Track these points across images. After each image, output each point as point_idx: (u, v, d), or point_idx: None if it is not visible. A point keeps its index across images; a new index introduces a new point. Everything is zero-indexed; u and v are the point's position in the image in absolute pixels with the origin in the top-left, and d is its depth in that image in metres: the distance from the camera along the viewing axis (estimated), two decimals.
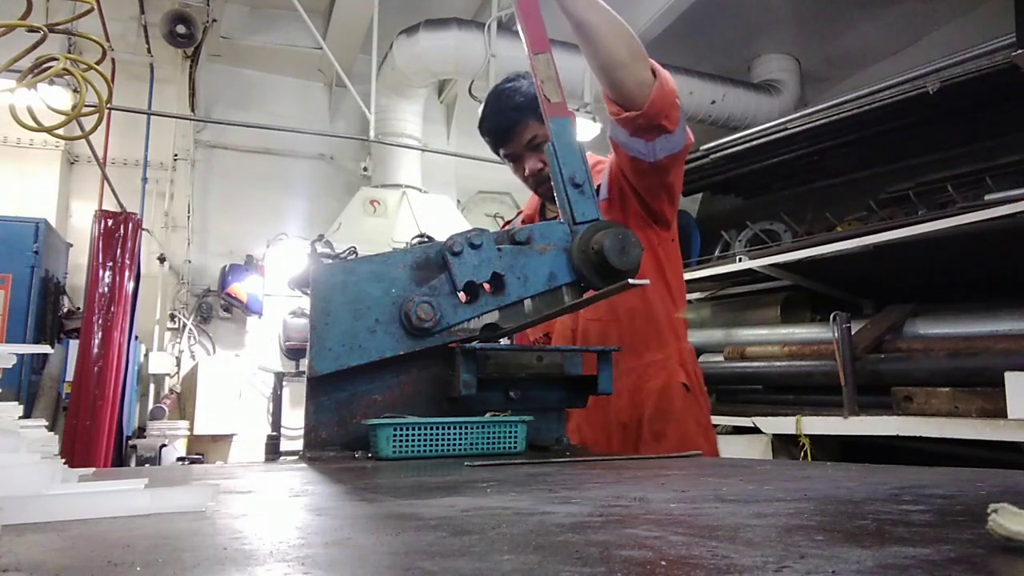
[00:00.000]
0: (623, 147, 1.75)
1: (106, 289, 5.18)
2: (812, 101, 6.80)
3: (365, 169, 7.71)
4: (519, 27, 1.69)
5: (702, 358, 5.23)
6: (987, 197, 3.37)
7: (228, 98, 7.55)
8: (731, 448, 4.52)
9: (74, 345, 5.38)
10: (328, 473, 1.29)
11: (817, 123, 4.80)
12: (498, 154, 1.96)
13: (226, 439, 6.80)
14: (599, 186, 1.89)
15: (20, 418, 0.99)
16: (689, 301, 5.69)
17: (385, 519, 0.74)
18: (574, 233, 1.66)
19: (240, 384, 6.85)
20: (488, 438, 1.60)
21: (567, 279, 1.69)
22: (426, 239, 1.87)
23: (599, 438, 1.82)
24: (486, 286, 1.67)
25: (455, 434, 1.58)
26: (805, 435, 3.52)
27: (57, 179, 6.53)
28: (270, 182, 7.55)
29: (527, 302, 1.69)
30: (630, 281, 1.46)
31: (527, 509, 0.78)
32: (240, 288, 6.86)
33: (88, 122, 1.94)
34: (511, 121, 1.86)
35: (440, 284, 1.63)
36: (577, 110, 6.11)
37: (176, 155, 7.27)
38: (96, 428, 4.92)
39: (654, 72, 1.66)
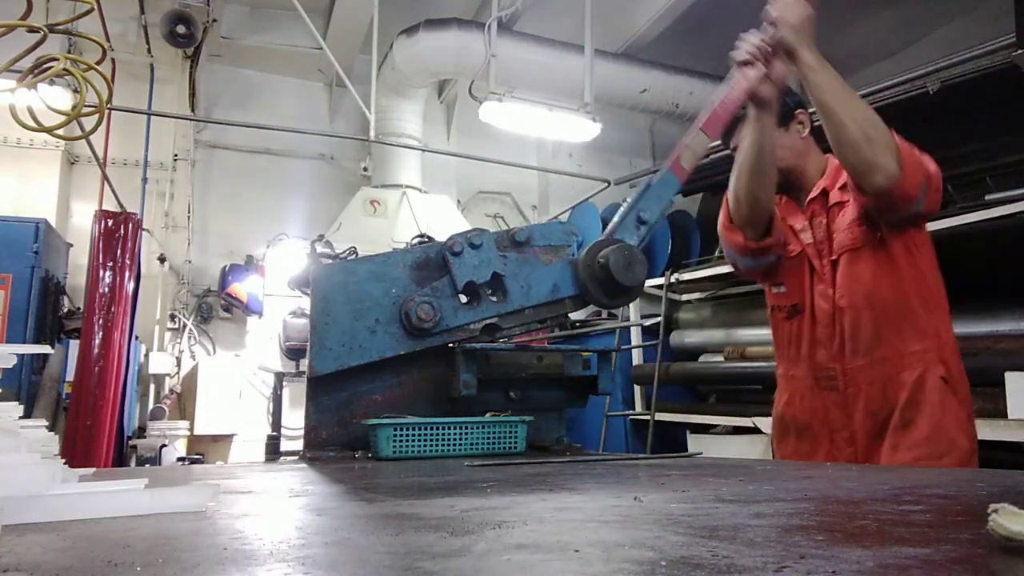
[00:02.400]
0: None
1: (106, 289, 5.18)
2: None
3: (365, 169, 7.71)
4: (712, 105, 1.81)
5: (702, 358, 5.24)
6: (987, 197, 3.37)
7: (228, 98, 7.54)
8: (731, 448, 4.53)
9: (74, 345, 5.37)
10: (328, 473, 1.29)
11: (817, 123, 4.79)
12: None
13: (226, 439, 6.80)
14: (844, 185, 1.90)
15: (20, 418, 0.99)
16: (688, 301, 5.71)
17: (385, 519, 0.74)
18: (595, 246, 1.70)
19: (240, 384, 6.85)
20: (488, 438, 1.60)
21: (570, 292, 1.70)
22: (426, 239, 1.87)
23: (845, 423, 1.83)
24: (489, 291, 1.67)
25: (455, 434, 1.58)
26: None
27: (57, 179, 6.53)
28: (270, 182, 7.55)
29: (528, 310, 1.69)
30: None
31: (527, 509, 0.78)
32: (240, 288, 6.85)
33: (88, 122, 1.94)
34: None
35: (442, 286, 1.64)
36: (577, 110, 6.11)
37: (176, 155, 7.26)
38: (96, 428, 4.92)
39: (901, 161, 1.71)
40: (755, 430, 4.22)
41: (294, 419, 5.78)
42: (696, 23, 6.70)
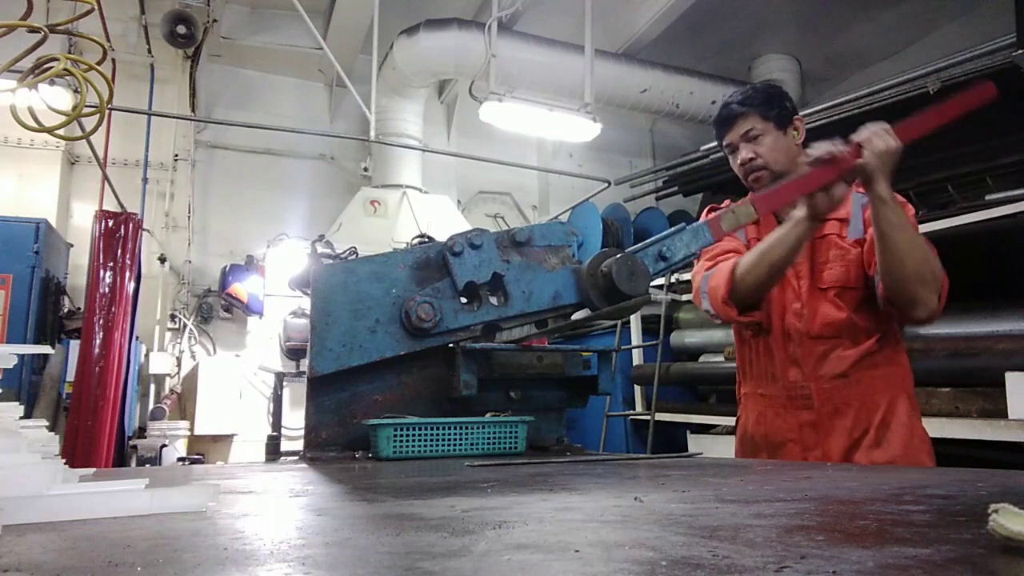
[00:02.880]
0: None
1: (107, 289, 5.18)
2: (812, 101, 6.80)
3: (365, 169, 7.71)
4: (774, 185, 1.83)
5: (702, 358, 5.23)
6: (987, 197, 3.37)
7: (228, 98, 7.55)
8: (731, 448, 4.52)
9: (75, 345, 5.38)
10: (328, 473, 1.29)
11: (817, 123, 4.80)
12: (721, 146, 2.05)
13: (226, 439, 6.80)
14: (850, 219, 1.90)
15: (21, 418, 0.99)
16: (688, 301, 5.71)
17: (385, 519, 0.74)
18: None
19: (240, 384, 6.85)
20: (489, 438, 1.60)
21: (572, 300, 1.69)
22: (426, 239, 1.87)
23: (819, 441, 1.84)
24: (489, 292, 1.67)
25: (456, 434, 1.58)
26: None
27: (58, 179, 6.53)
28: (270, 182, 7.55)
29: (529, 315, 1.69)
30: None
31: (528, 509, 0.78)
32: (241, 288, 6.86)
33: (89, 122, 1.94)
34: (733, 111, 1.97)
35: (443, 287, 1.64)
36: (577, 110, 6.12)
37: (176, 155, 7.27)
38: (97, 428, 4.92)
39: (942, 294, 1.76)
40: None
41: (294, 419, 5.79)
42: (696, 23, 6.71)
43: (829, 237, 1.90)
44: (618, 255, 1.64)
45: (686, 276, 5.27)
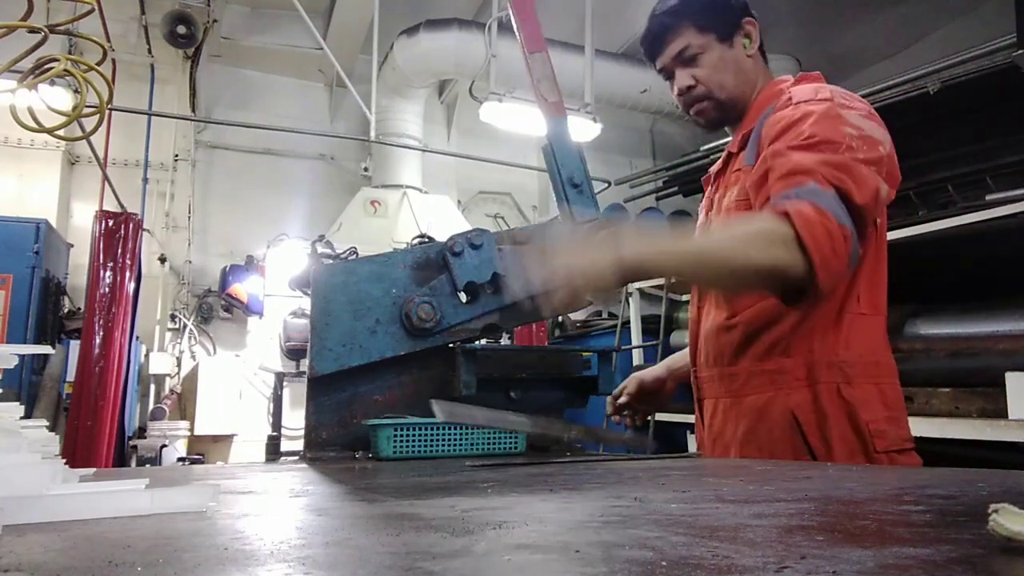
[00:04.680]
0: None
1: (107, 289, 5.18)
2: None
3: (366, 169, 7.72)
4: (515, 27, 1.70)
5: None
6: (987, 197, 3.37)
7: (228, 98, 7.55)
8: None
9: (75, 345, 5.38)
10: (328, 473, 1.29)
11: None
12: (657, 70, 1.66)
13: (226, 439, 6.80)
14: (746, 145, 1.52)
15: (21, 418, 0.99)
16: (688, 301, 5.70)
17: (386, 519, 0.74)
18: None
19: (241, 384, 6.85)
20: (488, 438, 1.60)
21: None
22: (426, 239, 1.87)
23: (702, 439, 1.66)
24: (490, 291, 1.67)
25: (455, 434, 1.58)
26: None
27: (58, 180, 6.54)
28: (270, 182, 7.56)
29: (527, 302, 1.69)
30: None
31: (528, 510, 0.78)
32: (241, 288, 6.86)
33: (89, 123, 1.94)
34: (662, 26, 1.58)
35: (441, 284, 1.64)
36: (577, 110, 6.12)
37: (177, 155, 7.27)
38: (97, 428, 4.92)
39: (804, 240, 1.23)
40: None
41: (294, 419, 5.78)
42: None
43: (733, 176, 1.55)
44: (608, 228, 1.62)
45: None
